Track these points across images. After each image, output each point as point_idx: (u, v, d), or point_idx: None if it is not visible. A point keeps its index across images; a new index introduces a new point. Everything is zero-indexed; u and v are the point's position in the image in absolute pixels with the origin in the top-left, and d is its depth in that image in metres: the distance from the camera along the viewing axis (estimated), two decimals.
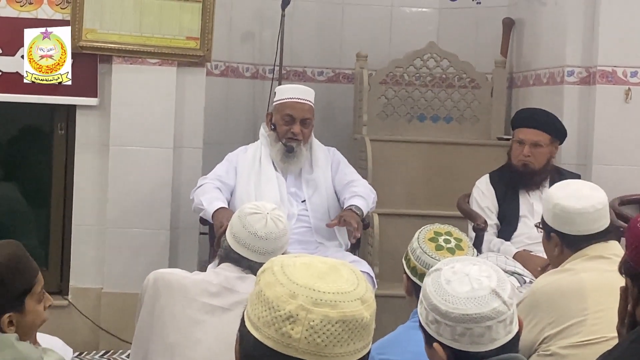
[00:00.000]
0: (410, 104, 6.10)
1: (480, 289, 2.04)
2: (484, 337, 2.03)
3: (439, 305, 2.05)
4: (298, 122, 4.61)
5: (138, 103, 5.15)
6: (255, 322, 1.54)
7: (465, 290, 2.04)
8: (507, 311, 2.05)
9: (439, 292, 2.06)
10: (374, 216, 5.20)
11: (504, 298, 2.05)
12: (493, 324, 2.03)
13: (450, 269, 2.10)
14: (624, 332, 2.36)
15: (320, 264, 1.59)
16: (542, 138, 4.70)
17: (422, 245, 2.71)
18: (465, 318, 2.03)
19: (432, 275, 2.11)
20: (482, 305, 2.03)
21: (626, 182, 5.27)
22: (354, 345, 1.53)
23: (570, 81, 5.37)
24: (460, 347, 2.05)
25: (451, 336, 2.05)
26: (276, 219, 3.03)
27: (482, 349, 2.04)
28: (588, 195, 3.19)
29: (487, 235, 4.63)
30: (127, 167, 5.15)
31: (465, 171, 5.55)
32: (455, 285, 2.06)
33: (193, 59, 5.19)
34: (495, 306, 2.03)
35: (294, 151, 4.61)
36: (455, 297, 2.04)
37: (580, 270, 3.11)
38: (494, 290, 2.05)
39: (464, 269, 2.08)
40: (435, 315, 2.06)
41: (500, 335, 2.04)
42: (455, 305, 2.03)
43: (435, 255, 2.68)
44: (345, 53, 6.37)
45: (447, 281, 2.07)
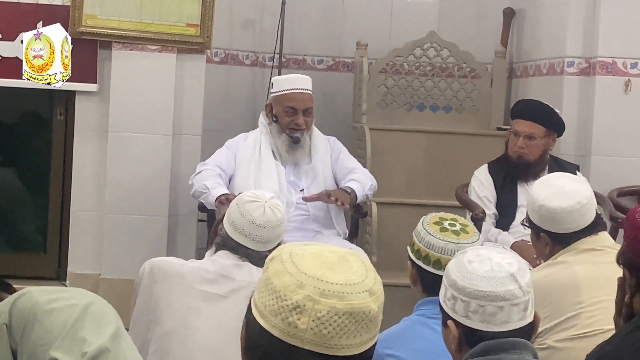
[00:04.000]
0: (410, 93, 6.09)
1: (499, 271, 2.10)
2: (496, 317, 2.07)
3: (457, 281, 2.11)
4: (301, 113, 4.62)
5: (137, 89, 5.14)
6: (262, 310, 1.53)
7: (484, 270, 2.10)
8: (522, 296, 2.09)
9: (459, 269, 2.12)
10: (373, 205, 5.21)
11: (521, 283, 2.10)
12: (506, 305, 2.06)
13: (475, 252, 2.16)
14: (621, 323, 2.36)
15: (329, 253, 1.57)
16: (536, 130, 4.69)
17: (426, 228, 2.71)
18: (478, 294, 2.07)
19: (457, 256, 2.17)
20: (497, 285, 2.08)
21: (625, 174, 5.27)
22: (361, 337, 1.52)
23: (570, 72, 5.37)
24: (472, 324, 2.08)
25: (464, 312, 2.09)
26: (274, 208, 3.04)
27: (493, 329, 2.07)
28: (571, 191, 3.17)
29: (485, 225, 4.64)
30: (126, 153, 5.15)
31: (464, 161, 5.55)
32: (476, 265, 2.11)
33: (193, 46, 5.19)
34: (510, 288, 2.08)
35: (300, 142, 4.63)
36: (473, 275, 2.10)
37: (573, 263, 3.11)
38: (513, 274, 2.10)
39: (489, 254, 2.14)
40: (452, 290, 2.12)
41: (512, 318, 2.07)
42: (472, 281, 2.09)
43: (439, 236, 2.67)
44: (346, 41, 6.36)
45: (469, 261, 2.13)
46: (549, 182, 3.27)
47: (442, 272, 2.23)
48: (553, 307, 3.04)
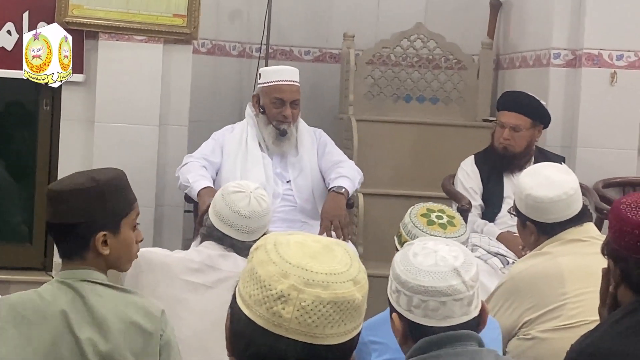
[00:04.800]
0: (397, 85, 6.09)
1: (443, 265, 2.07)
2: (438, 312, 2.05)
3: (400, 274, 2.09)
4: (288, 105, 4.61)
5: (124, 80, 5.13)
6: (246, 300, 1.53)
7: (428, 264, 2.07)
8: (465, 291, 2.06)
9: (403, 262, 2.10)
10: (359, 196, 5.21)
11: (465, 278, 2.06)
12: (448, 301, 2.04)
13: (421, 244, 2.13)
14: (606, 314, 2.38)
15: (313, 243, 1.57)
16: (522, 122, 4.70)
17: (413, 220, 2.71)
18: (420, 289, 2.05)
19: (404, 248, 2.15)
20: (439, 280, 2.05)
21: (610, 165, 5.29)
22: (345, 326, 1.52)
23: (556, 63, 5.38)
24: (414, 318, 2.07)
25: (407, 306, 2.07)
26: (259, 198, 3.04)
27: (435, 324, 2.05)
28: (558, 181, 3.18)
29: (471, 216, 4.65)
30: (113, 143, 5.13)
31: (451, 152, 5.55)
32: (421, 259, 2.08)
33: (180, 37, 5.17)
34: (453, 283, 2.05)
35: (287, 134, 4.62)
36: (416, 269, 2.07)
37: (558, 254, 3.13)
38: (456, 269, 2.06)
39: (434, 247, 2.11)
40: (396, 284, 2.10)
41: (455, 314, 2.05)
42: (414, 275, 2.06)
43: (426, 230, 2.68)
44: (333, 33, 6.35)
45: (414, 254, 2.10)
46: (537, 171, 3.28)
47: None
48: (538, 298, 3.05)
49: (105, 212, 2.46)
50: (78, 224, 2.45)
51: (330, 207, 4.45)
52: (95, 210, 2.45)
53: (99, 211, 2.45)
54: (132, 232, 2.54)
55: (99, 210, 2.45)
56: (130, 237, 2.54)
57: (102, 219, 2.46)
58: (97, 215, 2.45)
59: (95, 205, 2.45)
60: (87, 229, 2.45)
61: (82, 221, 2.45)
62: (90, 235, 2.45)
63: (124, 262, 2.58)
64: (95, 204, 2.45)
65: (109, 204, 2.46)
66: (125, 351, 2.40)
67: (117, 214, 2.49)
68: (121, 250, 2.51)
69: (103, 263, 2.50)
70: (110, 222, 2.48)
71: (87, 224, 2.45)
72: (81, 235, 2.46)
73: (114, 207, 2.48)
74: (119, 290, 2.50)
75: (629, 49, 5.27)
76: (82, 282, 2.45)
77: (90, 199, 2.45)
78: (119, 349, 2.39)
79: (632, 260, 2.28)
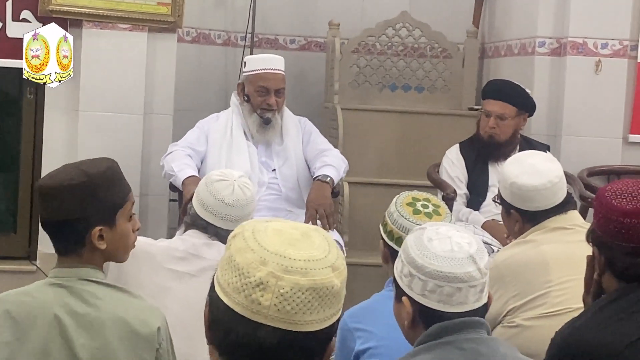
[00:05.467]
0: (382, 73, 6.08)
1: (459, 251, 2.07)
2: (453, 298, 2.05)
3: (416, 259, 2.08)
4: (273, 93, 4.61)
5: (108, 68, 5.11)
6: (224, 288, 1.53)
7: (444, 250, 2.07)
8: (480, 278, 2.07)
9: (419, 246, 2.09)
10: (344, 185, 5.21)
11: (480, 265, 2.07)
12: (464, 287, 2.05)
13: (434, 229, 2.13)
14: (590, 301, 2.39)
15: (291, 230, 1.57)
16: (507, 110, 4.71)
17: (399, 209, 2.71)
18: (438, 274, 2.05)
19: (416, 233, 2.14)
20: (457, 266, 2.05)
21: (595, 154, 5.30)
22: (324, 312, 1.52)
23: (541, 52, 5.38)
24: (428, 303, 2.07)
25: (421, 291, 2.07)
26: (243, 186, 3.04)
27: (449, 310, 2.06)
28: (543, 170, 3.18)
29: (456, 205, 4.65)
30: (97, 132, 5.11)
31: (436, 141, 5.56)
32: (436, 244, 2.08)
33: (164, 25, 5.16)
34: (469, 270, 2.05)
35: (271, 122, 4.62)
36: (433, 254, 2.07)
37: (542, 242, 3.13)
38: (472, 255, 2.07)
39: (448, 233, 2.11)
40: (410, 268, 2.08)
41: (469, 300, 2.06)
42: (431, 260, 2.06)
43: (412, 219, 2.68)
44: (318, 21, 6.34)
45: (429, 239, 2.09)
46: (521, 159, 3.29)
47: None
48: (522, 286, 3.06)
49: (100, 207, 2.41)
50: (72, 221, 2.40)
51: (315, 196, 4.45)
52: (89, 206, 2.39)
53: (93, 206, 2.39)
54: (128, 222, 2.49)
55: (93, 205, 2.39)
56: (126, 228, 2.49)
57: (96, 214, 2.40)
58: (91, 210, 2.39)
59: (89, 200, 2.39)
60: (82, 225, 2.40)
61: (76, 217, 2.39)
62: (85, 231, 2.40)
63: (122, 253, 2.53)
64: (89, 199, 2.39)
65: (103, 198, 2.40)
66: (121, 357, 2.35)
67: (111, 207, 2.43)
68: (118, 242, 2.47)
69: (100, 257, 2.45)
70: (105, 216, 2.42)
71: (82, 220, 2.39)
72: (76, 231, 2.40)
73: (108, 201, 2.42)
74: (118, 290, 2.45)
75: (613, 38, 5.28)
76: (79, 281, 2.39)
77: (83, 194, 2.39)
78: (114, 355, 2.34)
79: (617, 247, 2.28)
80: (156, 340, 2.39)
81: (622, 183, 2.33)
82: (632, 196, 2.27)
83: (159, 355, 2.41)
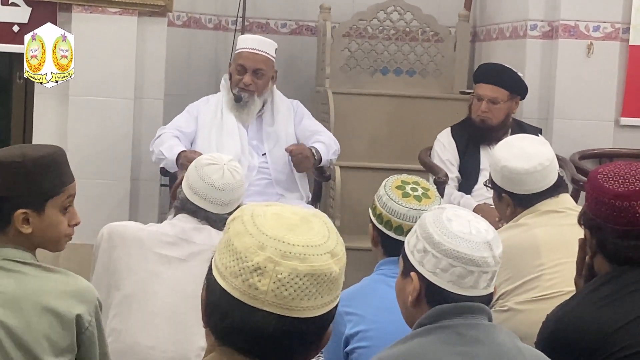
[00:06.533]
0: (374, 57, 6.07)
1: (477, 235, 2.05)
2: (464, 280, 2.03)
3: (433, 235, 2.05)
4: (250, 73, 4.59)
5: (98, 53, 5.08)
6: (222, 272, 1.52)
7: (463, 231, 2.05)
8: (493, 265, 2.05)
9: (437, 224, 2.07)
10: (336, 169, 5.20)
11: (495, 253, 2.05)
12: (477, 271, 2.03)
13: (453, 211, 2.11)
14: (582, 284, 2.39)
15: (291, 214, 1.55)
16: (499, 94, 4.70)
17: (388, 193, 2.70)
18: (454, 254, 2.02)
19: (435, 211, 2.11)
20: (474, 249, 2.03)
21: (587, 137, 5.30)
22: (322, 299, 1.51)
23: (532, 35, 5.37)
24: (438, 281, 2.04)
25: (433, 268, 2.04)
26: (233, 170, 3.03)
27: (457, 291, 2.03)
28: (533, 153, 3.18)
29: (447, 189, 4.65)
30: (87, 117, 5.10)
31: (428, 125, 5.55)
32: (455, 224, 2.06)
33: (154, 9, 5.13)
34: (485, 255, 2.03)
35: (242, 101, 4.60)
36: (452, 233, 2.04)
37: (534, 226, 3.13)
38: (489, 242, 2.05)
39: (467, 216, 2.09)
40: (425, 243, 2.06)
41: (479, 285, 2.04)
42: (450, 239, 2.03)
43: (401, 202, 2.67)
44: (309, 5, 6.32)
45: (448, 219, 2.07)
46: (512, 143, 3.28)
47: (404, 237, 2.20)
48: (514, 270, 3.06)
49: (28, 190, 2.38)
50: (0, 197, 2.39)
51: (300, 146, 4.59)
52: (17, 186, 2.37)
53: (21, 188, 2.37)
54: (60, 214, 2.46)
55: (21, 186, 2.37)
56: (56, 219, 2.45)
57: (23, 196, 2.38)
58: (18, 191, 2.37)
59: (19, 181, 2.37)
60: (8, 204, 2.38)
61: (3, 195, 2.37)
62: (10, 211, 2.38)
63: (52, 243, 2.50)
64: (19, 179, 2.37)
65: (33, 182, 2.38)
66: (40, 337, 2.33)
67: (42, 193, 2.41)
68: (46, 231, 2.44)
69: (27, 241, 2.42)
70: (33, 200, 2.39)
71: (8, 199, 2.38)
72: (2, 209, 2.39)
73: (39, 186, 2.39)
74: (46, 270, 2.43)
75: (605, 20, 5.27)
76: (2, 260, 2.38)
77: (13, 174, 2.37)
78: (33, 334, 2.33)
79: (608, 230, 2.28)
80: (80, 324, 2.38)
81: (614, 165, 2.33)
82: (623, 178, 2.27)
83: (84, 339, 2.40)
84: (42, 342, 2.33)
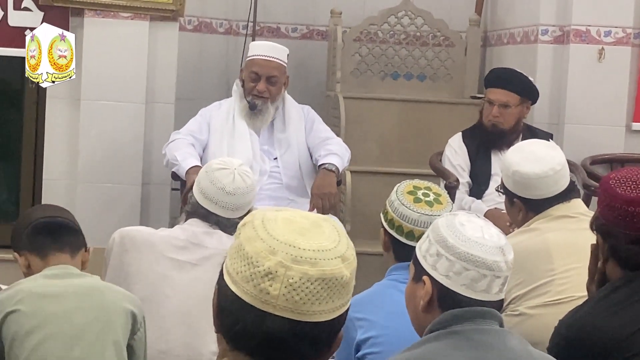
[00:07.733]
0: (384, 62, 6.07)
1: (490, 240, 2.05)
2: (477, 284, 2.03)
3: (447, 238, 2.06)
4: (263, 80, 4.59)
5: (110, 57, 5.09)
6: (233, 277, 1.52)
7: (476, 235, 2.05)
8: (506, 271, 2.05)
9: (451, 228, 2.07)
10: (347, 174, 5.20)
11: (507, 258, 2.06)
12: (489, 275, 2.03)
13: (466, 217, 2.11)
14: (594, 289, 2.38)
15: (302, 219, 1.55)
16: (510, 99, 4.69)
17: (400, 198, 2.70)
18: (468, 257, 2.03)
19: (447, 216, 2.12)
20: (487, 253, 2.03)
21: (598, 142, 5.29)
22: (333, 303, 1.51)
23: (544, 40, 5.37)
24: (451, 285, 2.04)
25: (446, 272, 2.04)
26: (244, 175, 3.03)
27: (471, 295, 2.03)
28: (545, 157, 3.17)
29: (458, 194, 4.64)
30: (99, 121, 5.11)
31: (438, 129, 5.54)
32: (468, 229, 2.07)
33: (166, 13, 5.14)
34: (498, 260, 2.04)
35: (257, 108, 4.60)
36: (465, 237, 2.05)
37: (546, 230, 3.12)
38: (502, 247, 2.06)
39: (479, 222, 2.10)
40: (439, 247, 2.06)
41: (492, 290, 2.04)
42: (463, 242, 2.04)
43: (413, 207, 2.67)
44: (320, 10, 6.32)
45: (461, 224, 2.08)
46: (523, 148, 3.28)
47: (415, 243, 2.20)
48: (526, 274, 3.05)
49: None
50: None
51: (321, 184, 4.45)
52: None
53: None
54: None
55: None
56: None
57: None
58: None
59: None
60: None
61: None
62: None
63: None
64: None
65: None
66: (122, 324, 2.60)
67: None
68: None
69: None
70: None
71: None
72: None
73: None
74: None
75: (616, 25, 5.26)
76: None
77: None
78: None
79: (621, 235, 2.28)
80: (135, 322, 2.66)
81: (626, 171, 2.32)
82: (635, 184, 2.27)
83: (136, 338, 2.70)
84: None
